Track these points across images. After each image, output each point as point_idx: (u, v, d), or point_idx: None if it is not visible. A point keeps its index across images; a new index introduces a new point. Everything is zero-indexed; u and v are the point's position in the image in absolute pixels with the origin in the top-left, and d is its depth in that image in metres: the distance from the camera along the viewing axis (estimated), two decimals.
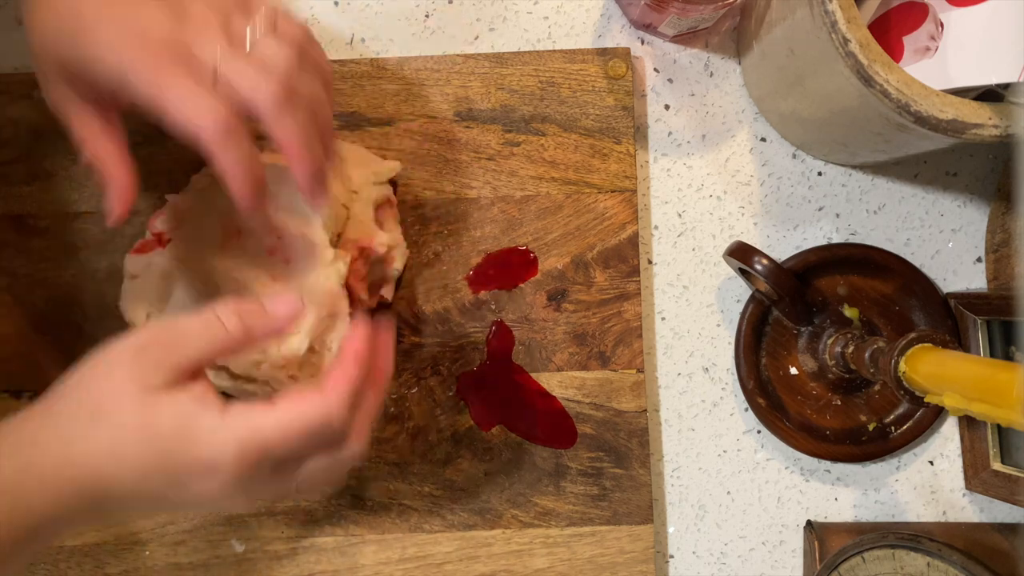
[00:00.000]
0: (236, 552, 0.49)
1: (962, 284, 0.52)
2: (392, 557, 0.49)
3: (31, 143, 0.49)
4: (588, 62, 0.50)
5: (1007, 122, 0.38)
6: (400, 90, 0.50)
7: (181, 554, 0.49)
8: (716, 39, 0.52)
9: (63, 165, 0.49)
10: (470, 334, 0.50)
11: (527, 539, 0.49)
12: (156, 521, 0.49)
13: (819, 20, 0.38)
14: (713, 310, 0.52)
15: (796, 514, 0.52)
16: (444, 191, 0.50)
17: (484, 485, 0.49)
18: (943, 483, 0.52)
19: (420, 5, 0.52)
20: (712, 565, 0.52)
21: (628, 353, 0.50)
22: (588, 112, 0.50)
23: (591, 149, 0.50)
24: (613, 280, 0.50)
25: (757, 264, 0.45)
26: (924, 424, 0.50)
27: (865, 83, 0.38)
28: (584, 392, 0.50)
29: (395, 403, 0.50)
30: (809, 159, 0.52)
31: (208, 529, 0.49)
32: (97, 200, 0.49)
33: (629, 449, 0.49)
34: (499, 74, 0.50)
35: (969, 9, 0.42)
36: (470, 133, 0.50)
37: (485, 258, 0.50)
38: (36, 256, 0.49)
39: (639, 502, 0.49)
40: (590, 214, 0.50)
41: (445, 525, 0.49)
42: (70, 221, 0.49)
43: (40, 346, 0.49)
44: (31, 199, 0.49)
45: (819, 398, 0.51)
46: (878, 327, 0.51)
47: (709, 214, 0.52)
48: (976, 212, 0.52)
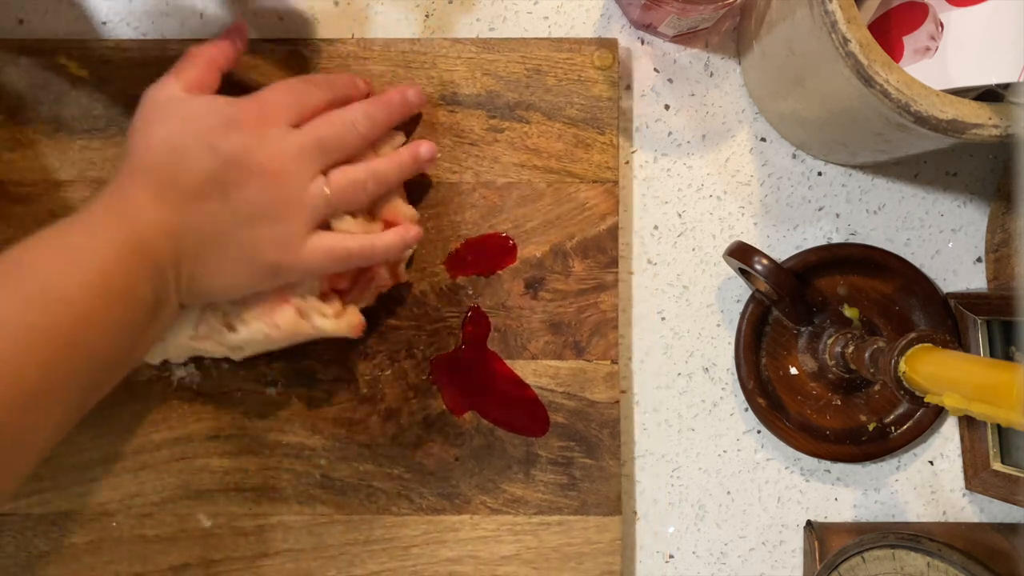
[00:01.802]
0: (203, 527, 0.49)
1: (962, 284, 0.52)
2: (359, 538, 0.49)
3: (14, 110, 0.49)
4: (575, 51, 0.50)
5: (1007, 122, 0.38)
6: (386, 71, 0.50)
7: (148, 526, 0.49)
8: (716, 39, 0.52)
9: (46, 132, 0.49)
10: (446, 318, 0.50)
11: (494, 526, 0.49)
12: (123, 492, 0.49)
13: (819, 20, 0.38)
14: (713, 310, 0.52)
15: (796, 514, 0.52)
16: (425, 174, 0.50)
17: (454, 470, 0.49)
18: (943, 483, 0.52)
19: (420, 5, 0.52)
20: (712, 565, 0.52)
21: (603, 344, 0.50)
22: (573, 101, 0.50)
23: (575, 139, 0.50)
24: (591, 270, 0.50)
25: (757, 264, 0.45)
26: (924, 424, 0.50)
27: (865, 83, 0.38)
28: (558, 381, 0.50)
29: (368, 384, 0.49)
30: (809, 159, 0.52)
31: (176, 503, 0.49)
32: (79, 169, 0.49)
33: (600, 440, 0.49)
34: (485, 59, 0.50)
35: (969, 9, 0.42)
36: (454, 117, 0.50)
37: (464, 243, 0.50)
38: (16, 223, 0.49)
39: (608, 493, 0.49)
40: (571, 203, 0.50)
41: (413, 508, 0.49)
42: (52, 189, 0.49)
43: None
44: (13, 166, 0.49)
45: (819, 398, 0.51)
46: (878, 327, 0.51)
47: (709, 214, 0.52)
48: (976, 212, 0.52)
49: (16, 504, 0.48)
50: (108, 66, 0.49)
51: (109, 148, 0.49)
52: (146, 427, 0.49)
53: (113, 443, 0.49)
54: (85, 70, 0.49)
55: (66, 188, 0.49)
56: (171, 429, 0.49)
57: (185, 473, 0.49)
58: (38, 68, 0.49)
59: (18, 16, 0.51)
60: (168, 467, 0.49)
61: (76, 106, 0.49)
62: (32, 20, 0.51)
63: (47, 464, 0.49)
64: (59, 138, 0.49)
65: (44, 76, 0.49)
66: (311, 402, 0.49)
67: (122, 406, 0.49)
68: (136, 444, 0.49)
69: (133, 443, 0.49)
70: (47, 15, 0.51)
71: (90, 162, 0.49)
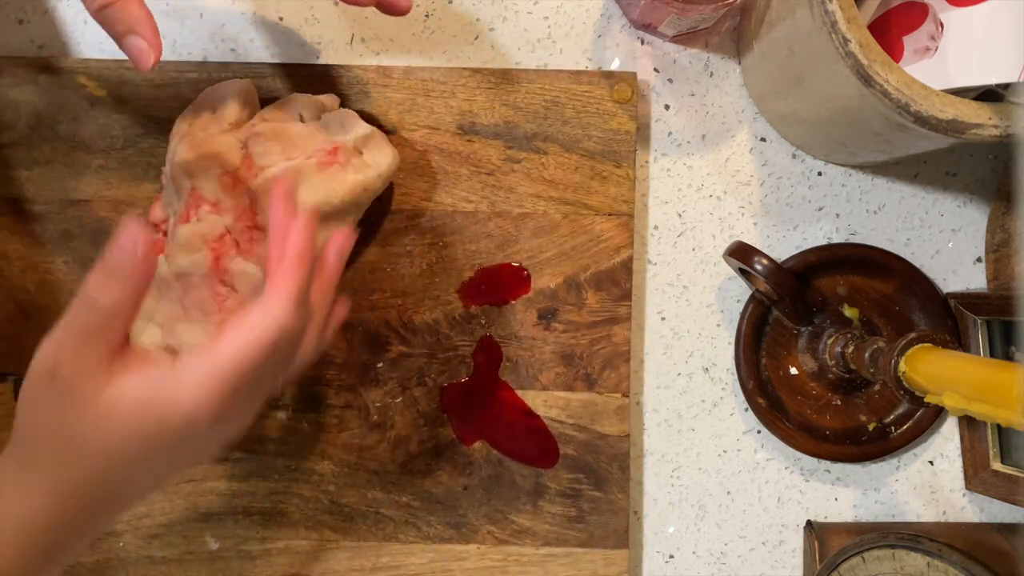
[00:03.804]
0: (210, 549, 0.49)
1: (962, 284, 0.52)
2: (365, 565, 0.49)
3: (32, 128, 0.49)
4: (594, 84, 0.50)
5: (1007, 122, 0.38)
6: (405, 99, 0.50)
7: (155, 547, 0.49)
8: (716, 39, 0.52)
9: (63, 151, 0.49)
10: (458, 347, 0.50)
11: (501, 556, 0.49)
12: (132, 513, 0.49)
13: (819, 20, 0.38)
14: (713, 310, 0.52)
15: (796, 514, 0.52)
16: (442, 203, 0.50)
17: (462, 499, 0.49)
18: (943, 483, 0.52)
19: (420, 5, 0.52)
20: (712, 565, 0.52)
21: (615, 377, 0.49)
22: (591, 134, 0.50)
23: (591, 171, 0.50)
24: (604, 303, 0.50)
25: (757, 264, 0.45)
26: (924, 424, 0.50)
27: (865, 83, 0.38)
28: (568, 413, 0.49)
29: (378, 411, 0.50)
30: (809, 159, 0.52)
31: (184, 524, 0.49)
32: (94, 188, 0.49)
33: (610, 473, 0.49)
34: (504, 90, 0.50)
35: (969, 9, 0.42)
36: (472, 147, 0.50)
37: (478, 272, 0.50)
38: (30, 241, 0.49)
39: (616, 526, 0.49)
40: (586, 235, 0.50)
41: (420, 536, 0.49)
42: (66, 208, 0.49)
43: (27, 330, 0.49)
44: (29, 183, 0.49)
45: (819, 398, 0.51)
46: (878, 327, 0.51)
47: (709, 214, 0.52)
48: (976, 212, 0.52)
49: None
50: (126, 86, 0.49)
51: (125, 168, 0.49)
52: None
53: None
54: (104, 90, 0.49)
55: (82, 207, 0.50)
56: None
57: (193, 495, 0.49)
58: (56, 87, 0.49)
59: (18, 16, 0.51)
60: (176, 489, 0.49)
61: (94, 126, 0.49)
62: (32, 20, 0.51)
63: None
64: (76, 157, 0.49)
65: (63, 95, 0.49)
66: (321, 427, 0.49)
67: None
68: None
69: None
70: (47, 15, 0.51)
71: (107, 182, 0.49)
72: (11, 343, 0.49)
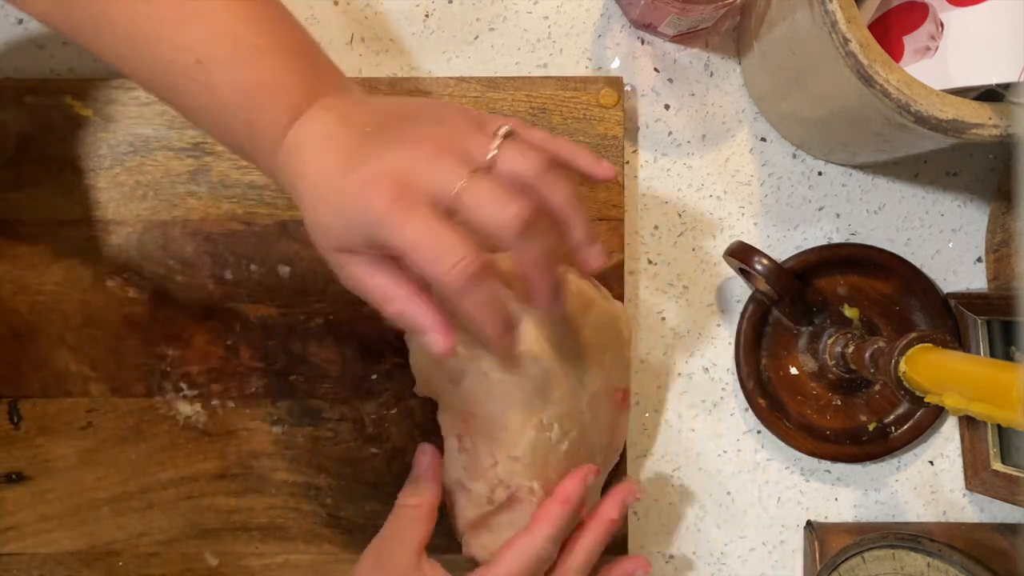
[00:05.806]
0: (210, 566, 0.49)
1: (962, 284, 0.52)
2: None
3: (19, 149, 0.49)
4: (580, 90, 0.49)
5: (1007, 122, 0.38)
6: None
7: (154, 565, 0.49)
8: (716, 39, 0.52)
9: (51, 172, 0.49)
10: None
11: None
12: (130, 531, 0.49)
13: (819, 20, 0.38)
14: (713, 310, 0.52)
15: (796, 514, 0.52)
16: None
17: None
18: (943, 483, 0.52)
19: (420, 5, 0.52)
20: (712, 565, 0.52)
21: None
22: (578, 140, 0.49)
23: (580, 177, 0.49)
24: None
25: (757, 264, 0.45)
26: (924, 424, 0.50)
27: (865, 83, 0.38)
28: None
29: (374, 423, 0.49)
30: (809, 159, 0.52)
31: (182, 542, 0.49)
32: (83, 208, 0.49)
33: (608, 480, 0.48)
34: (490, 98, 0.49)
35: (969, 9, 0.42)
36: None
37: None
38: (21, 262, 0.49)
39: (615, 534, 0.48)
40: None
41: None
42: (56, 229, 0.49)
43: (20, 352, 0.49)
44: (18, 205, 0.49)
45: (819, 398, 0.51)
46: (878, 327, 0.51)
47: (709, 214, 0.52)
48: (976, 212, 0.52)
49: (23, 544, 0.48)
50: (113, 105, 0.49)
51: (114, 188, 0.49)
52: (152, 466, 0.49)
53: (119, 482, 0.49)
54: (90, 109, 0.49)
55: (71, 228, 0.49)
56: (177, 468, 0.49)
57: (192, 512, 0.49)
58: (43, 107, 0.49)
59: (18, 16, 0.51)
60: (175, 506, 0.49)
61: (82, 145, 0.49)
62: (31, 20, 0.51)
63: (53, 504, 0.49)
64: (64, 177, 0.49)
65: (49, 115, 0.49)
66: (317, 441, 0.49)
67: (129, 445, 0.49)
68: (142, 483, 0.49)
69: (139, 482, 0.49)
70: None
71: (95, 201, 0.49)
72: (3, 366, 0.49)
